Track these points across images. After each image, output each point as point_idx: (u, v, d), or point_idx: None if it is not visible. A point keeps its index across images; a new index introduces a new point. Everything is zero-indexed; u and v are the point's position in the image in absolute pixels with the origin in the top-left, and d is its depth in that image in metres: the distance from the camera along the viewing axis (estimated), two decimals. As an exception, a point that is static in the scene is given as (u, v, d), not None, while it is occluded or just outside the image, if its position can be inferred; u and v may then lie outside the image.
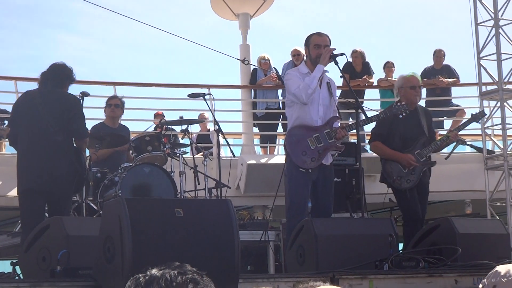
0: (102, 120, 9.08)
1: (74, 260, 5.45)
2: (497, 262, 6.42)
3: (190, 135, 9.44)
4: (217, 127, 9.11)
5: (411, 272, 6.21)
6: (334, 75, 7.22)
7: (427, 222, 7.74)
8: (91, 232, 5.50)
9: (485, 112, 9.33)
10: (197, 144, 11.09)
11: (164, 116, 11.71)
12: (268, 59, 12.14)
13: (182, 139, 10.15)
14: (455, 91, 12.64)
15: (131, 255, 4.89)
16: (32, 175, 6.81)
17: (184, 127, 9.10)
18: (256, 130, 12.41)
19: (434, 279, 6.17)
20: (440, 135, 9.72)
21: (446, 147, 8.22)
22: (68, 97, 7.08)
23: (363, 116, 7.18)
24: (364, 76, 12.07)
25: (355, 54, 12.18)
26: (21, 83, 11.41)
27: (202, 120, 11.55)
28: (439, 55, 12.44)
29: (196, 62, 37.73)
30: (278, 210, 8.62)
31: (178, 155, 8.63)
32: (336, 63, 7.04)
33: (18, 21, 31.78)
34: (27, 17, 32.53)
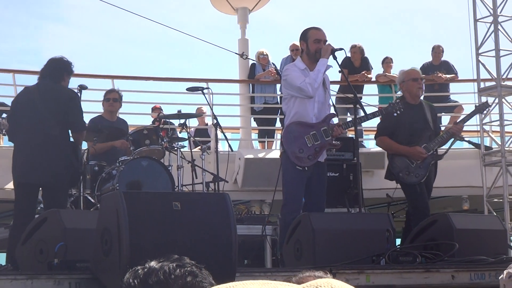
0: (100, 114, 9.07)
1: (72, 253, 5.46)
2: (494, 258, 6.47)
3: (188, 129, 9.43)
4: (215, 121, 9.09)
5: (408, 267, 6.22)
6: (333, 70, 7.21)
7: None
8: (89, 225, 5.50)
9: (488, 103, 9.31)
10: (195, 138, 11.10)
11: (162, 109, 11.71)
12: (267, 54, 12.13)
13: (180, 133, 10.14)
14: (453, 87, 12.64)
15: (128, 248, 4.89)
16: (26, 169, 6.82)
17: (182, 121, 9.08)
18: (254, 124, 12.41)
19: (431, 274, 6.18)
20: (441, 131, 9.72)
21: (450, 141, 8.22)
22: (65, 91, 7.09)
23: (361, 112, 7.16)
24: (363, 72, 12.04)
25: (354, 49, 12.12)
26: (19, 75, 11.41)
27: (200, 114, 11.53)
28: (437, 51, 12.40)
29: (195, 56, 37.76)
30: (276, 204, 8.61)
31: (176, 149, 8.62)
32: (335, 58, 7.03)
33: (15, 14, 31.74)
34: (24, 10, 32.49)
